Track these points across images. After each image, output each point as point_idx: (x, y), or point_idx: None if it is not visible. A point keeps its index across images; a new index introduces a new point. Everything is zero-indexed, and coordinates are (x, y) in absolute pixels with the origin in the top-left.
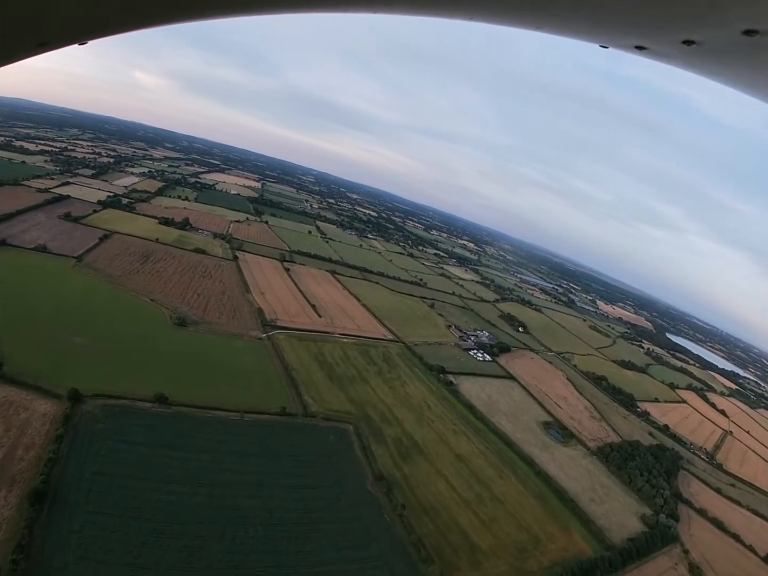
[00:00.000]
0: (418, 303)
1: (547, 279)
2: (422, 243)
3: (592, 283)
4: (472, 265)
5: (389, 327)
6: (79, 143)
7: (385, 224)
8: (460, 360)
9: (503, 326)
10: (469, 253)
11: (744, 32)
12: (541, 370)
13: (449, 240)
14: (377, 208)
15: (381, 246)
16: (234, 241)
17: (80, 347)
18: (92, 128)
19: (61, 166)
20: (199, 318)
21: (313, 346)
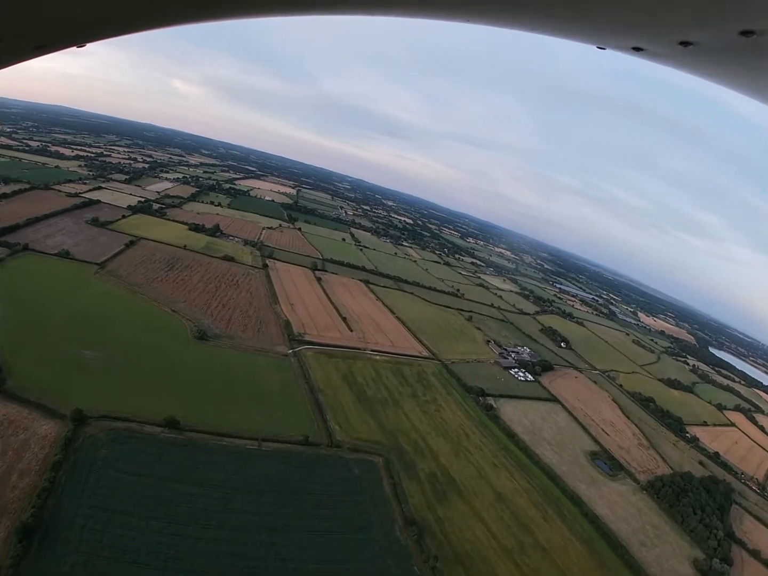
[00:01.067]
0: (455, 316)
1: (587, 289)
2: (459, 251)
3: (631, 293)
4: (510, 275)
5: (424, 342)
6: (115, 149)
7: (421, 232)
8: (500, 380)
9: (545, 341)
10: (506, 262)
11: (741, 33)
12: (586, 391)
13: (486, 248)
14: (413, 215)
15: (416, 254)
16: (265, 249)
17: (91, 361)
18: (130, 135)
19: (94, 171)
20: (222, 331)
21: (343, 364)
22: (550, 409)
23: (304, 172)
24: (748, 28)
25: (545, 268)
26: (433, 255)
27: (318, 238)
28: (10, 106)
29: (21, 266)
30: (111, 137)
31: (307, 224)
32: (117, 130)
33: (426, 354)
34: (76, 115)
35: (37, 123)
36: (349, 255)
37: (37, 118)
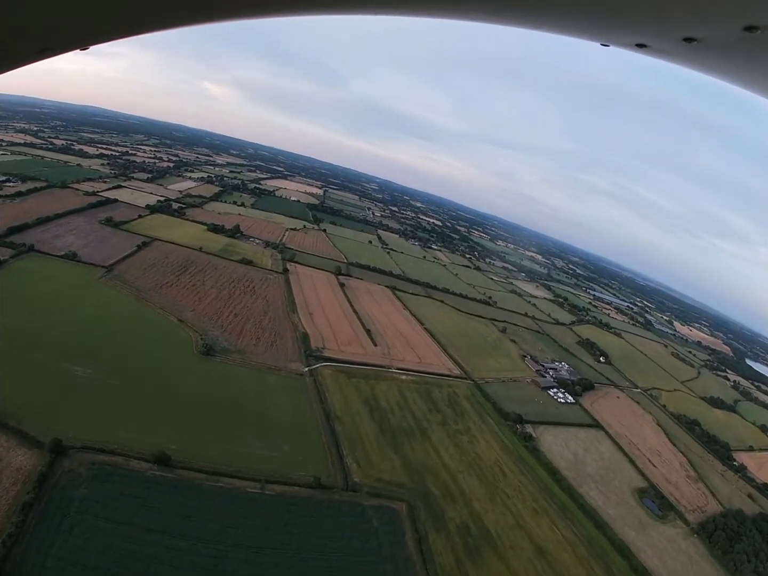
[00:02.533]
0: (487, 326)
1: (620, 296)
2: (489, 255)
3: (664, 300)
4: (543, 280)
5: (456, 358)
6: (141, 148)
7: (450, 234)
8: (538, 403)
9: (583, 355)
10: (538, 267)
11: (745, 28)
12: (629, 414)
13: (516, 251)
14: (441, 216)
15: (446, 258)
16: (286, 251)
17: (81, 380)
18: (159, 135)
19: (117, 170)
20: (232, 344)
21: (365, 385)
22: (593, 437)
23: (332, 172)
24: (753, 23)
25: (577, 273)
26: (463, 259)
27: (343, 240)
28: (41, 105)
29: (23, 269)
30: (139, 137)
31: (332, 225)
32: (146, 131)
33: (457, 372)
34: (106, 115)
35: (66, 122)
36: (376, 259)
37: (66, 118)
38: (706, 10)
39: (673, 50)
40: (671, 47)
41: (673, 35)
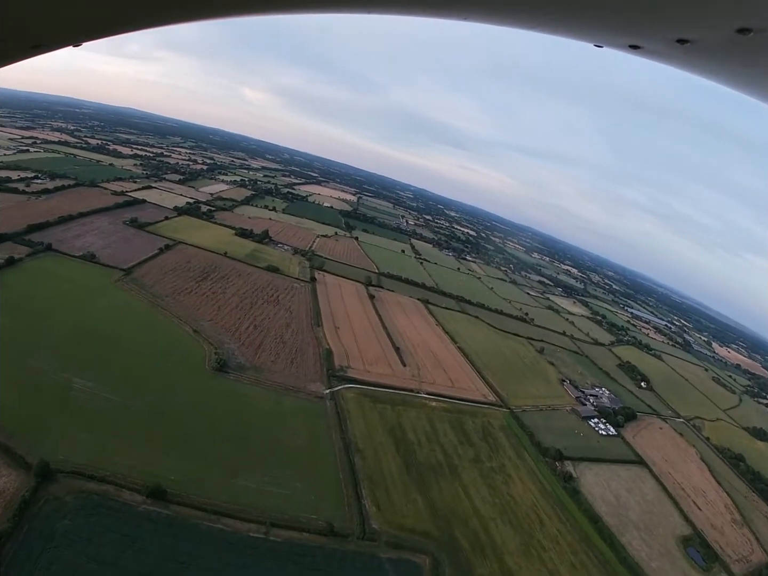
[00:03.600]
0: (524, 346)
1: (658, 314)
2: (524, 267)
3: (701, 318)
4: (580, 296)
5: (490, 382)
6: (177, 150)
7: (485, 245)
8: (579, 435)
9: (623, 380)
10: (574, 281)
11: (738, 31)
12: (673, 447)
13: (552, 265)
14: (475, 226)
15: (481, 270)
16: (315, 259)
17: (79, 393)
18: (196, 138)
19: (149, 171)
20: (248, 360)
21: (391, 411)
22: (636, 476)
23: (366, 179)
24: (745, 25)
25: (613, 288)
26: (498, 271)
27: (375, 248)
28: (81, 106)
29: (37, 268)
30: (175, 139)
31: (365, 233)
32: (183, 133)
33: (492, 399)
34: (144, 117)
35: (104, 123)
36: (408, 269)
37: (104, 119)
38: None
39: (667, 52)
40: (664, 49)
41: (666, 37)
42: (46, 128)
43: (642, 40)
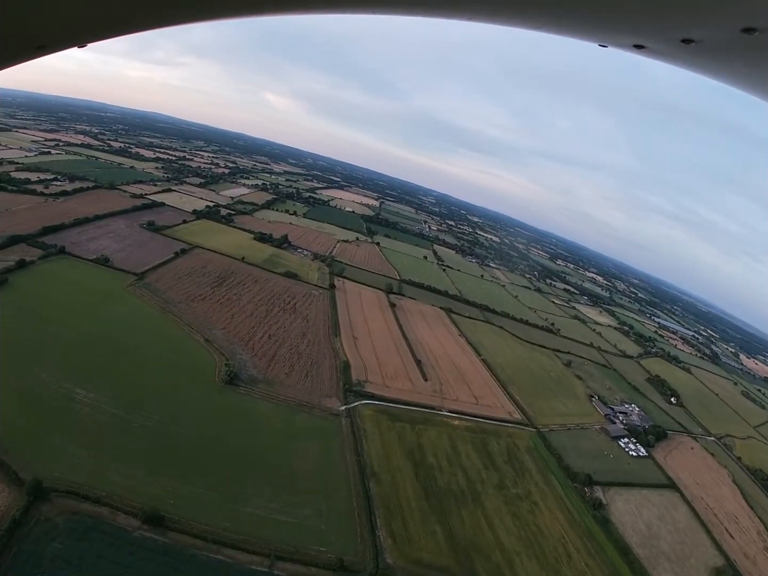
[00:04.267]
0: (551, 358)
1: (684, 323)
2: (549, 275)
3: (727, 328)
4: (606, 305)
5: (516, 399)
6: (200, 154)
7: (508, 251)
8: (608, 456)
9: (653, 395)
10: (599, 289)
11: (743, 30)
12: (704, 469)
13: (576, 272)
14: (499, 232)
15: (505, 277)
16: (335, 265)
17: (80, 405)
18: (219, 142)
19: (170, 174)
20: (260, 373)
21: (410, 431)
22: (668, 502)
23: (389, 184)
24: (750, 25)
25: (639, 297)
26: (522, 279)
27: (397, 254)
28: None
29: (49, 271)
30: (199, 143)
31: (386, 238)
32: (207, 137)
33: (518, 417)
34: (169, 121)
35: (128, 126)
36: (430, 276)
37: (129, 122)
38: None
39: (671, 51)
40: (669, 48)
41: (670, 36)
42: (70, 131)
43: (647, 40)
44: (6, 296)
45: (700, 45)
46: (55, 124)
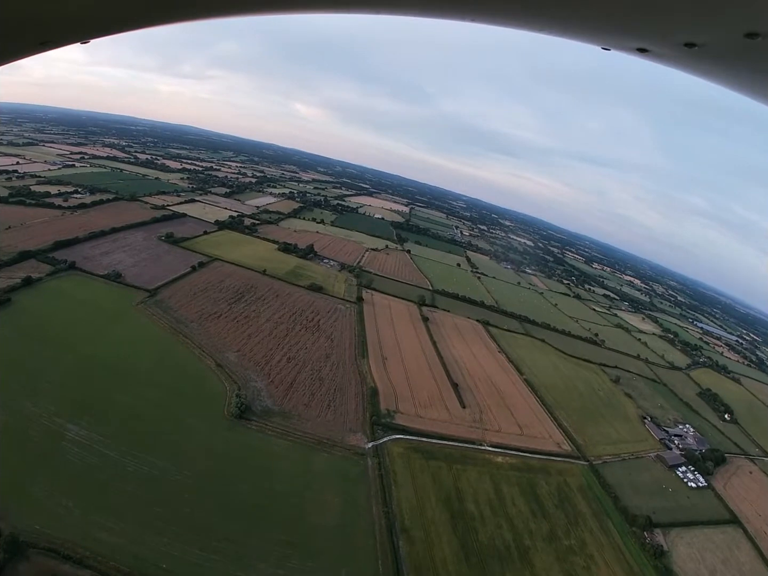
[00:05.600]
0: (597, 375)
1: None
2: (587, 279)
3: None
4: (647, 310)
5: (564, 426)
6: (227, 164)
7: (543, 256)
8: (667, 491)
9: (705, 412)
10: (638, 293)
11: (746, 35)
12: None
13: (614, 276)
14: (532, 236)
15: (542, 284)
16: (363, 276)
17: (70, 445)
18: (248, 152)
19: (195, 184)
20: (276, 403)
21: (447, 472)
22: (731, 540)
23: (418, 190)
24: (753, 30)
25: (679, 300)
26: (560, 285)
27: (429, 262)
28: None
29: (55, 289)
30: (227, 153)
31: (417, 245)
32: (237, 148)
33: (568, 448)
34: (199, 133)
35: (158, 139)
36: (465, 285)
37: (159, 135)
38: (707, 16)
39: (674, 55)
40: (672, 52)
41: (674, 40)
42: (97, 144)
43: (650, 44)
44: (6, 317)
45: (703, 49)
46: (83, 138)
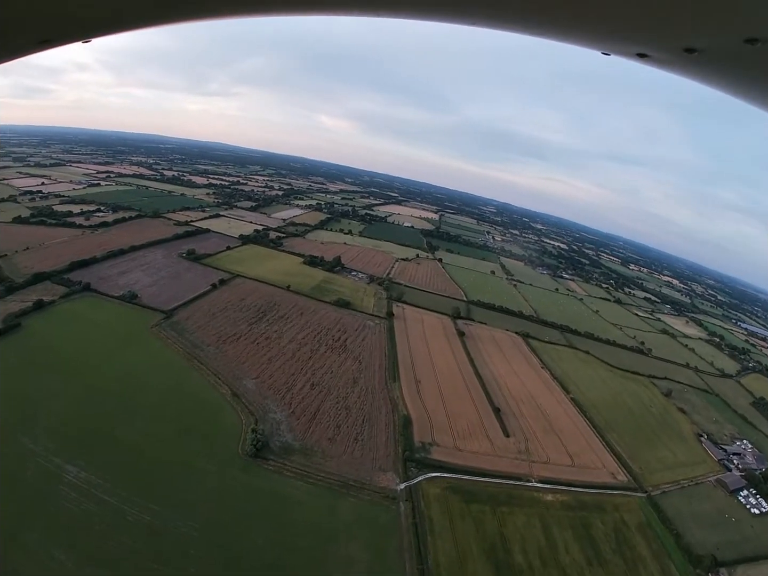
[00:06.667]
0: (647, 388)
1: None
2: (626, 282)
3: None
4: (690, 313)
5: (617, 451)
6: (254, 178)
7: (579, 259)
8: (730, 521)
9: (761, 423)
10: (678, 294)
11: (746, 41)
12: None
13: (651, 277)
14: (565, 239)
15: (580, 289)
16: (394, 288)
17: (67, 489)
18: (276, 166)
19: (221, 199)
20: (297, 437)
21: (491, 517)
22: None
23: (447, 196)
24: (753, 36)
25: (719, 300)
26: (599, 290)
27: (462, 271)
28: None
29: (68, 312)
30: (255, 167)
31: (449, 254)
32: (265, 162)
33: (623, 478)
34: (228, 149)
35: (185, 156)
36: (501, 294)
37: (187, 152)
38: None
39: (674, 61)
40: (672, 58)
41: (673, 46)
42: (125, 163)
43: (649, 49)
44: (13, 344)
45: (703, 55)
46: (111, 157)
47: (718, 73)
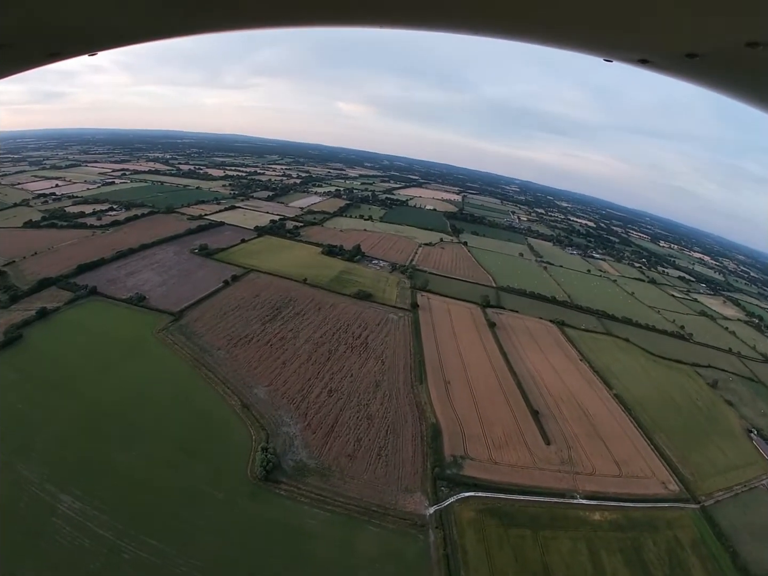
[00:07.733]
0: (692, 378)
1: None
2: (658, 261)
3: None
4: (725, 291)
5: (667, 454)
6: (272, 167)
7: (608, 237)
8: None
9: None
10: (711, 272)
11: (747, 44)
12: None
13: (683, 254)
14: (592, 216)
15: (612, 269)
16: (417, 276)
17: (62, 520)
18: (294, 154)
19: (237, 190)
20: (312, 455)
21: (532, 543)
22: None
23: (469, 177)
24: (754, 39)
25: (752, 277)
26: (632, 269)
27: (488, 254)
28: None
29: (71, 321)
30: (272, 157)
31: (474, 236)
32: (283, 151)
33: (675, 488)
34: (246, 141)
35: (202, 149)
36: (531, 278)
37: (205, 146)
38: (708, 26)
39: (676, 66)
40: (674, 63)
41: (675, 51)
42: (141, 159)
43: (652, 55)
44: (12, 357)
45: (705, 59)
46: (128, 154)
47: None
